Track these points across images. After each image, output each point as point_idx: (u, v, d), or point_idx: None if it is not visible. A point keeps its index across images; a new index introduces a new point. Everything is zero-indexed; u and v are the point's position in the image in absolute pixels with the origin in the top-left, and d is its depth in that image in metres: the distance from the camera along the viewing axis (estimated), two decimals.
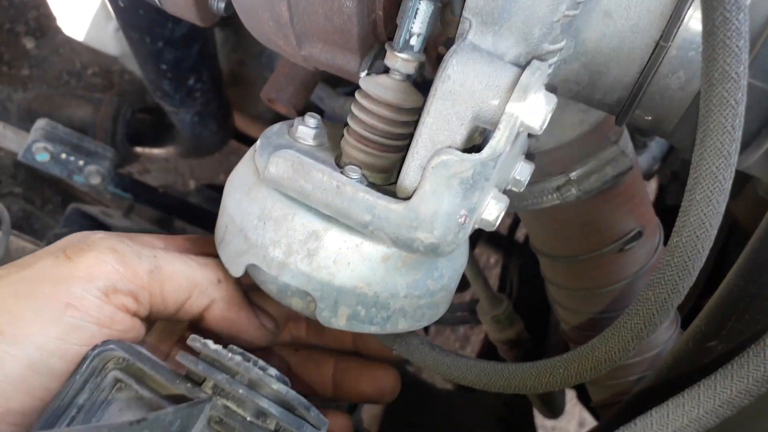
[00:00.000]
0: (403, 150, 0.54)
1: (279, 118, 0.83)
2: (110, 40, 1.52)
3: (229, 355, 0.44)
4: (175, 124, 1.56)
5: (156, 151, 1.96)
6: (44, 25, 2.59)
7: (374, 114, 0.54)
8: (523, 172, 0.56)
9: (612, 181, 0.75)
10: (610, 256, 0.81)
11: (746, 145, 0.51)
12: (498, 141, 0.46)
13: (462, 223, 0.47)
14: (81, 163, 1.31)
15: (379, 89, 0.54)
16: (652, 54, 0.49)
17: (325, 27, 0.56)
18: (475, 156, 0.46)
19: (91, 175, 1.32)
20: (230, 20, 0.66)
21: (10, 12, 2.46)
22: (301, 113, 0.63)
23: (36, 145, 1.27)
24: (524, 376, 0.53)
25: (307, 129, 0.58)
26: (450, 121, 0.47)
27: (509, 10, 0.46)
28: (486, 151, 0.46)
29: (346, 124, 0.57)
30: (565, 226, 0.80)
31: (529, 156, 0.73)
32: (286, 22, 0.57)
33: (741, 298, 0.49)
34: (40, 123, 1.33)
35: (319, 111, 1.16)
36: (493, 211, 0.49)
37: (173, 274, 0.55)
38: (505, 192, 0.55)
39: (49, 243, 0.62)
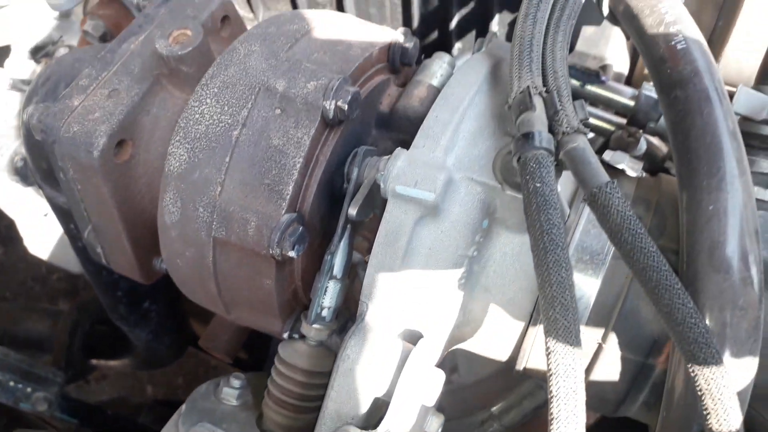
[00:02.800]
0: (317, 411, 0.58)
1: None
2: (73, 260, 1.60)
3: None
4: (132, 341, 1.58)
5: (112, 363, 1.95)
6: (13, 234, 2.69)
7: (290, 379, 0.59)
8: (433, 425, 0.60)
9: (532, 414, 0.79)
10: None
11: (621, 402, 0.57)
12: (392, 414, 0.51)
13: None
14: (29, 390, 1.31)
15: (295, 357, 0.59)
16: (528, 321, 0.57)
17: (249, 298, 0.63)
18: None
19: (38, 401, 1.31)
20: None
21: None
22: (233, 361, 0.68)
23: None
24: None
25: (231, 390, 0.62)
26: (351, 397, 0.52)
27: (395, 297, 0.54)
28: (383, 426, 0.50)
29: (267, 387, 0.61)
30: None
31: (453, 391, 0.78)
32: (215, 295, 0.64)
33: None
34: None
35: None
36: None
37: None
38: None
39: None
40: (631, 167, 0.58)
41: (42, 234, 1.59)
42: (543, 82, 0.54)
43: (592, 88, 0.72)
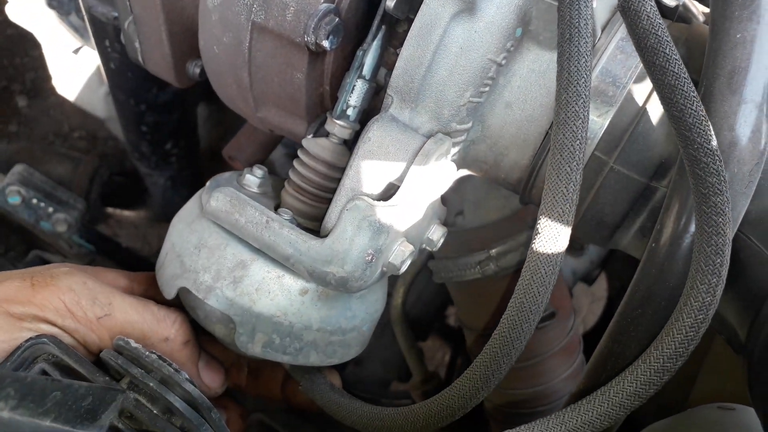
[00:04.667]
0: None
1: None
2: (99, 103, 1.63)
3: (147, 353, 0.50)
4: (149, 188, 1.64)
5: (127, 213, 2.02)
6: (39, 87, 2.72)
7: (311, 168, 0.63)
8: (436, 233, 0.64)
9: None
10: None
11: (618, 225, 0.60)
12: (403, 194, 0.54)
13: (369, 261, 0.55)
14: (50, 210, 1.37)
15: (318, 148, 0.63)
16: (542, 141, 0.60)
17: (278, 94, 0.66)
18: (382, 203, 0.54)
19: (58, 222, 1.37)
20: (215, 97, 0.76)
21: (9, 71, 2.59)
22: None
23: (10, 188, 1.33)
24: (398, 419, 0.58)
25: (253, 178, 0.66)
26: (368, 176, 0.56)
27: (423, 93, 0.56)
28: (392, 200, 0.54)
29: (288, 177, 0.65)
30: (486, 300, 0.87)
31: (456, 232, 0.82)
32: (246, 87, 0.67)
33: (609, 356, 0.56)
34: (18, 168, 1.40)
35: None
36: (398, 256, 0.57)
37: (124, 324, 0.59)
38: (434, 258, 0.62)
39: None
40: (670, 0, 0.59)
41: (71, 72, 1.61)
42: None
43: None
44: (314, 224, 0.64)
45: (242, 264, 0.58)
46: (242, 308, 0.57)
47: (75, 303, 0.56)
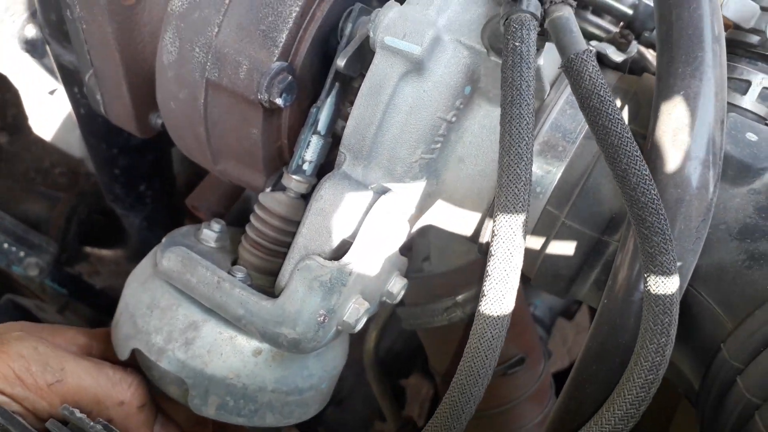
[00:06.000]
0: None
1: None
2: (76, 142, 1.63)
3: (92, 424, 0.49)
4: (126, 228, 1.62)
5: (105, 252, 2.00)
6: (20, 123, 2.71)
7: (267, 223, 0.62)
8: (396, 285, 0.63)
9: None
10: (495, 380, 0.87)
11: (573, 278, 0.60)
12: (355, 251, 0.54)
13: (321, 322, 0.54)
14: (21, 254, 1.36)
15: (273, 203, 0.62)
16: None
17: (236, 148, 0.66)
18: (333, 263, 0.54)
19: (29, 266, 1.36)
20: None
21: None
22: None
23: None
24: None
25: (210, 232, 0.66)
26: (320, 234, 0.55)
27: (375, 150, 0.57)
28: (344, 259, 0.54)
29: (245, 232, 0.65)
30: (453, 346, 0.86)
31: (422, 278, 0.82)
32: (203, 141, 0.67)
33: (566, 413, 0.56)
34: None
35: None
36: (353, 314, 0.56)
37: (77, 389, 0.57)
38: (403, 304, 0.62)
39: None
40: (616, 53, 0.59)
41: (47, 113, 1.61)
42: None
43: None
44: (271, 280, 0.63)
45: (194, 325, 0.57)
46: (194, 370, 0.56)
47: (25, 370, 0.55)
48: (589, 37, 0.75)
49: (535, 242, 0.60)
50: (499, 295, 0.49)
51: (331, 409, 1.52)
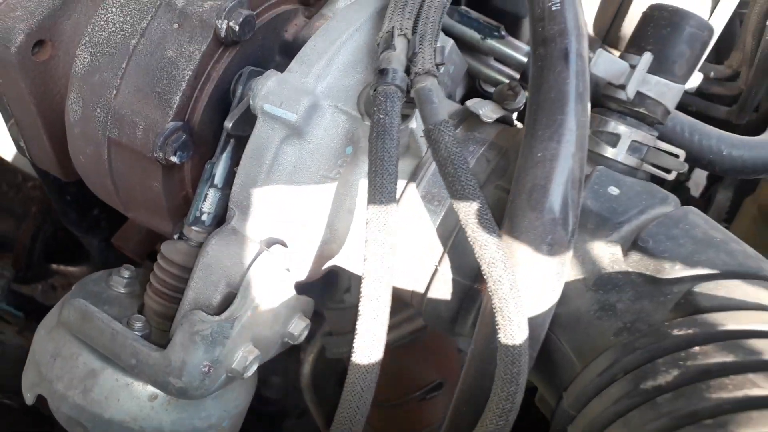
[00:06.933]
0: None
1: None
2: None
3: None
4: (87, 248, 1.65)
5: (71, 268, 2.03)
6: None
7: (166, 271, 0.66)
8: (297, 327, 0.67)
9: (408, 336, 0.87)
10: (414, 404, 0.90)
11: (454, 320, 0.64)
12: (239, 305, 0.57)
13: (206, 372, 0.58)
14: None
15: (173, 252, 0.66)
16: None
17: (141, 199, 0.69)
18: (215, 317, 0.57)
19: None
20: None
21: None
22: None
23: None
24: None
25: (119, 278, 0.69)
26: (207, 288, 0.59)
27: (261, 207, 0.60)
28: (226, 313, 0.57)
29: (149, 280, 0.68)
30: None
31: (343, 309, 0.85)
32: (112, 193, 0.70)
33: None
34: None
35: None
36: (241, 362, 0.60)
37: None
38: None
39: None
40: (488, 115, 0.63)
41: (4, 136, 1.63)
42: (414, 26, 0.59)
43: (491, 42, 0.76)
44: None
45: (93, 373, 0.60)
46: (93, 415, 0.60)
47: None
48: (493, 82, 0.79)
49: (420, 286, 0.64)
50: (367, 350, 0.52)
51: (293, 422, 1.56)
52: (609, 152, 0.65)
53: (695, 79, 0.88)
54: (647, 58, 0.62)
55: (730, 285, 0.50)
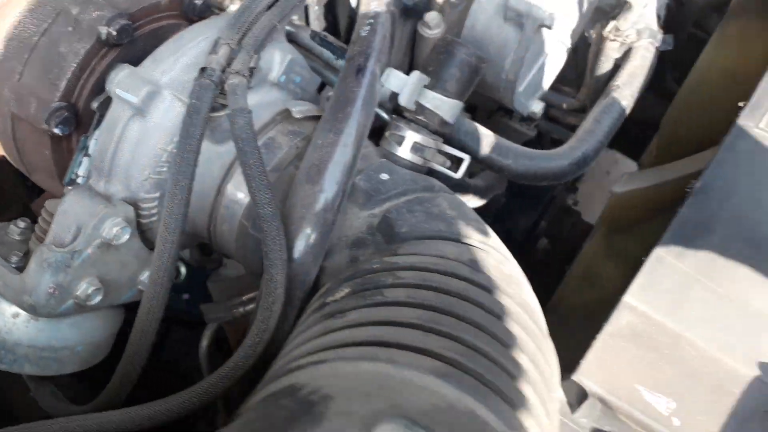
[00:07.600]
0: None
1: None
2: None
3: None
4: None
5: None
6: None
7: (45, 221, 0.82)
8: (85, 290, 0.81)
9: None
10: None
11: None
12: (76, 243, 0.73)
13: (52, 293, 0.73)
14: None
15: (53, 207, 0.82)
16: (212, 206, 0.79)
17: (39, 165, 0.87)
18: (59, 249, 0.73)
19: None
20: None
21: None
22: None
23: None
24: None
25: (15, 228, 0.86)
26: (62, 229, 0.75)
27: (113, 170, 0.77)
28: (67, 248, 0.73)
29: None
30: (238, 336, 1.04)
31: (221, 280, 1.01)
32: (19, 160, 0.88)
33: None
34: None
35: None
36: (84, 291, 0.75)
37: None
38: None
39: None
40: (300, 111, 0.79)
41: None
42: (241, 38, 0.76)
43: (341, 62, 0.93)
44: None
45: None
46: None
47: None
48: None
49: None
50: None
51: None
52: (397, 150, 0.81)
53: (537, 106, 1.03)
54: (417, 75, 0.78)
55: (431, 242, 0.64)
